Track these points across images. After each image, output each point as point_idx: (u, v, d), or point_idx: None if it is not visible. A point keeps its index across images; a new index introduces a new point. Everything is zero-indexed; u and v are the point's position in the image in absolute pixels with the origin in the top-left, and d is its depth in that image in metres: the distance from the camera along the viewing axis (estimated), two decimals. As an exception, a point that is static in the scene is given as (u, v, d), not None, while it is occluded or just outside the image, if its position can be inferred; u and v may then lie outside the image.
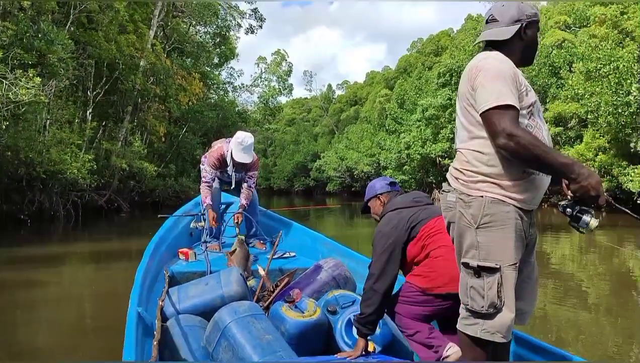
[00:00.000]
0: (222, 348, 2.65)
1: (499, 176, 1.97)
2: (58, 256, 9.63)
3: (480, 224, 1.97)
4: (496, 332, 1.95)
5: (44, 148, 14.92)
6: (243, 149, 4.66)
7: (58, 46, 12.47)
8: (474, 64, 2.03)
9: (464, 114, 2.06)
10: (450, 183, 2.13)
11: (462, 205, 2.03)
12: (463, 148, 2.07)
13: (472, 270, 1.99)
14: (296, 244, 4.90)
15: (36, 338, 4.62)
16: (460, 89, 2.10)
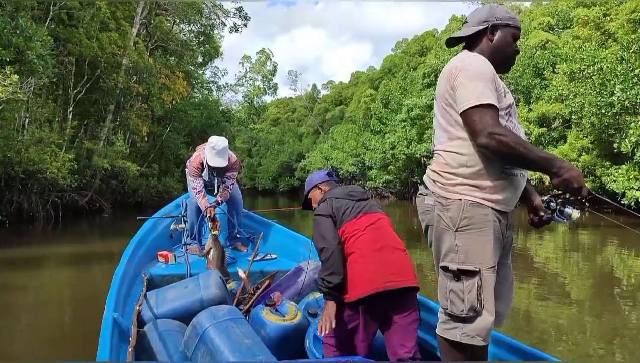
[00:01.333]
0: (201, 353, 2.62)
1: (478, 177, 1.96)
2: (37, 258, 9.40)
3: (459, 228, 1.97)
4: (476, 335, 1.95)
5: (23, 147, 14.61)
6: (217, 153, 4.60)
7: (37, 43, 12.19)
8: (453, 64, 2.02)
9: (442, 115, 2.06)
10: (428, 185, 2.12)
11: (440, 208, 2.02)
12: (441, 150, 2.06)
13: (451, 273, 1.98)
14: (277, 246, 4.87)
15: (13, 345, 4.48)
16: (438, 89, 2.09)
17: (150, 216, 5.26)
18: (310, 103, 76.63)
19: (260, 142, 77.02)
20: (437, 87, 2.10)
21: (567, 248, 11.49)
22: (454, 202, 1.98)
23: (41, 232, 14.38)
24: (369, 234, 2.69)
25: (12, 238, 12.93)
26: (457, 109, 1.97)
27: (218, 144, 4.61)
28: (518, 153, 1.85)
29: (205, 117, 30.49)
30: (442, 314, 2.05)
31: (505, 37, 2.10)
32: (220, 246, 4.15)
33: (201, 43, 33.73)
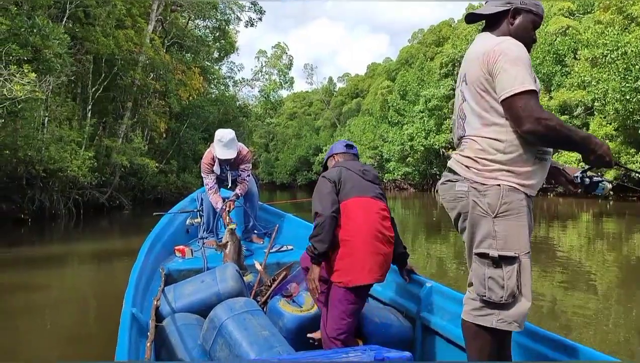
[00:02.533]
0: (219, 346, 2.63)
1: (514, 163, 1.95)
2: (60, 256, 9.48)
3: (498, 214, 1.93)
4: (513, 321, 1.94)
5: (43, 146, 14.76)
6: (224, 145, 4.60)
7: (54, 41, 12.26)
8: (488, 47, 1.96)
9: (476, 100, 2.00)
10: (459, 171, 2.06)
11: (475, 194, 1.97)
12: (475, 135, 2.02)
13: (489, 260, 1.95)
14: (293, 237, 4.84)
15: (38, 344, 4.48)
16: (470, 74, 2.02)
17: (166, 212, 5.27)
18: (327, 96, 76.50)
19: (277, 137, 77.17)
20: (468, 71, 2.04)
21: (592, 236, 11.26)
22: (491, 188, 1.94)
23: (63, 230, 14.54)
24: (374, 221, 2.70)
25: (35, 236, 13.09)
26: (495, 95, 1.94)
27: (224, 137, 4.61)
28: (563, 135, 1.88)
29: (222, 112, 30.55)
30: (473, 301, 2.02)
31: (526, 23, 2.06)
32: (236, 240, 4.11)
33: (217, 38, 33.76)
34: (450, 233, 13.24)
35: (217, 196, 4.79)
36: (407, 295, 3.22)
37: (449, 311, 2.86)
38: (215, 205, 4.76)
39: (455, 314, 2.78)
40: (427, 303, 3.04)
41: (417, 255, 9.44)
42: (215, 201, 4.75)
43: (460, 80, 2.11)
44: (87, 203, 18.13)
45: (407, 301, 3.19)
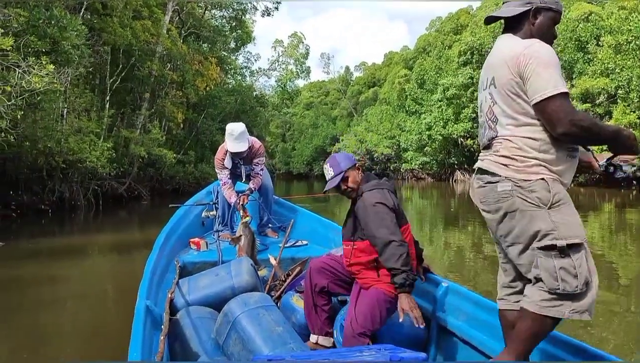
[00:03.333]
0: (232, 341, 2.65)
1: (548, 161, 1.98)
2: (79, 247, 9.57)
3: (552, 204, 1.95)
4: (585, 310, 1.94)
5: (63, 137, 14.89)
6: (235, 138, 4.63)
7: (72, 33, 12.31)
8: (517, 51, 1.98)
9: (507, 103, 2.02)
10: (498, 171, 2.04)
11: (521, 191, 1.98)
12: (510, 136, 2.03)
13: (557, 251, 1.94)
14: (308, 232, 4.84)
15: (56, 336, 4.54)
16: (500, 77, 2.03)
17: (182, 204, 5.28)
18: (343, 86, 76.12)
19: (294, 126, 77.12)
20: (497, 75, 2.05)
21: (613, 228, 11.06)
22: (536, 182, 1.96)
23: (83, 220, 14.70)
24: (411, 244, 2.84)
25: (55, 227, 13.25)
26: (526, 97, 1.96)
27: (235, 130, 4.62)
28: (595, 133, 1.92)
29: (239, 102, 30.57)
30: (540, 291, 1.97)
31: (547, 21, 2.08)
32: (250, 233, 4.10)
33: (233, 28, 33.71)
34: (469, 224, 13.11)
35: (231, 191, 4.81)
36: (422, 294, 3.19)
37: (465, 312, 2.84)
38: (229, 199, 4.77)
39: (471, 315, 2.79)
40: (442, 303, 3.01)
41: (435, 246, 9.36)
42: (229, 196, 4.77)
43: (488, 83, 2.12)
44: (106, 194, 18.30)
45: (423, 300, 3.16)
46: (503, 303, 2.25)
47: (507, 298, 2.24)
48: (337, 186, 2.94)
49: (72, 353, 4.11)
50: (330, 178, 2.96)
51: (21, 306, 5.45)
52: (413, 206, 19.64)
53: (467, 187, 30.85)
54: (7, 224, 12.55)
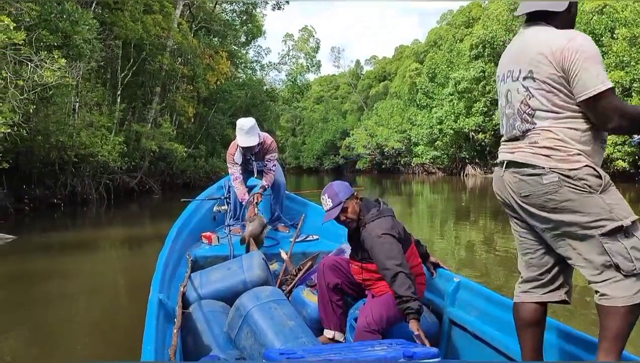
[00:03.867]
0: (244, 334, 2.66)
1: (588, 152, 1.97)
2: (91, 241, 9.63)
3: (603, 188, 1.94)
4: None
5: (74, 131, 14.96)
6: (245, 133, 4.63)
7: (83, 27, 12.36)
8: (561, 44, 1.92)
9: (547, 96, 1.98)
10: (540, 163, 1.99)
11: (569, 181, 1.95)
12: (548, 127, 1.99)
13: (622, 232, 1.91)
14: (319, 227, 4.75)
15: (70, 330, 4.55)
16: (539, 71, 1.98)
17: (194, 198, 5.29)
18: (354, 80, 75.87)
19: (304, 121, 77.11)
20: (535, 68, 2.00)
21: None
22: (581, 169, 1.93)
23: (95, 214, 14.80)
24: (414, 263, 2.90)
25: (68, 220, 13.36)
26: (568, 91, 1.94)
27: (245, 125, 4.63)
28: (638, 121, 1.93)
29: (249, 97, 30.59)
30: (620, 283, 1.92)
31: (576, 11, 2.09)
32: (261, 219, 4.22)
33: (244, 22, 33.69)
34: (480, 219, 13.03)
35: (242, 187, 4.84)
36: (434, 289, 3.18)
37: (477, 307, 2.83)
38: (240, 196, 4.80)
39: (483, 310, 2.77)
40: (454, 298, 3.00)
41: (446, 241, 9.31)
42: (241, 193, 4.80)
43: (520, 75, 2.06)
44: (118, 188, 18.40)
45: (434, 295, 3.16)
46: (527, 296, 2.18)
47: (533, 291, 2.17)
48: (336, 217, 2.93)
49: (84, 346, 4.12)
50: (329, 209, 2.94)
51: (33, 300, 5.47)
52: (424, 201, 19.56)
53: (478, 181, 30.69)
54: (20, 218, 12.66)
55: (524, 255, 2.21)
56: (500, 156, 2.18)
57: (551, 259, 2.12)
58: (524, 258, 2.20)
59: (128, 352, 3.65)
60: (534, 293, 2.17)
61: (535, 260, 2.16)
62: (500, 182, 2.16)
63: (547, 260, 2.13)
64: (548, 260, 2.12)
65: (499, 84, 2.22)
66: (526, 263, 2.20)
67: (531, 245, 2.17)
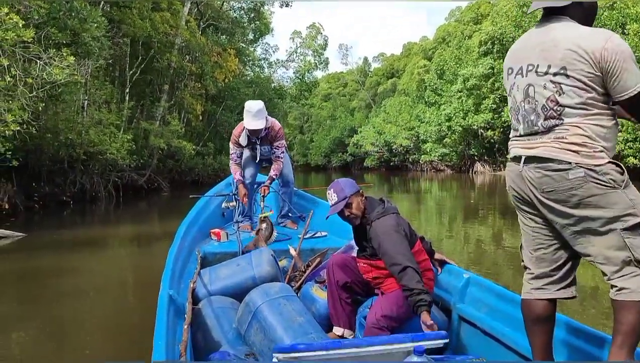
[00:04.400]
0: (254, 330, 2.69)
1: (609, 148, 2.01)
2: (101, 239, 9.66)
3: (625, 184, 1.98)
4: None
5: (83, 129, 15.02)
6: (253, 115, 4.56)
7: (92, 25, 12.38)
8: (599, 45, 1.94)
9: (579, 93, 1.99)
10: (567, 158, 2.00)
11: (595, 176, 1.96)
12: (578, 123, 2.01)
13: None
14: (328, 223, 4.72)
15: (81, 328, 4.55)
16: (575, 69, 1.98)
17: (202, 195, 5.29)
18: (362, 77, 75.74)
19: (312, 118, 77.10)
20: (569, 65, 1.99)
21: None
22: (605, 165, 1.97)
23: (104, 211, 14.87)
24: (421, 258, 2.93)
25: (77, 218, 13.42)
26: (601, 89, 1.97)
27: (253, 107, 4.57)
28: None
29: (257, 94, 30.58)
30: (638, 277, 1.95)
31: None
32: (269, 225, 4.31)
33: (251, 20, 33.69)
34: (489, 216, 12.96)
35: (238, 168, 4.85)
36: (443, 285, 3.19)
37: (486, 303, 2.84)
38: (234, 175, 4.81)
39: (492, 306, 2.78)
40: (463, 294, 3.01)
41: (455, 239, 9.26)
42: (234, 171, 4.81)
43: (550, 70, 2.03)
44: (126, 186, 18.46)
45: (444, 291, 3.16)
46: (540, 292, 2.17)
47: (547, 287, 2.16)
48: (340, 212, 2.97)
49: (94, 343, 4.12)
50: (334, 203, 2.98)
51: (43, 297, 5.48)
52: (432, 198, 19.48)
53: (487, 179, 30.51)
54: (30, 215, 12.73)
55: (536, 251, 2.19)
56: (514, 151, 2.16)
57: (564, 255, 2.12)
58: (536, 253, 2.19)
59: (138, 348, 3.64)
60: (547, 289, 2.16)
61: (548, 256, 2.15)
62: (518, 178, 2.14)
63: (560, 256, 2.13)
64: (561, 256, 2.13)
65: (512, 76, 2.18)
66: (537, 258, 2.19)
67: (545, 240, 2.16)
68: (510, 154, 2.20)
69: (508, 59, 2.24)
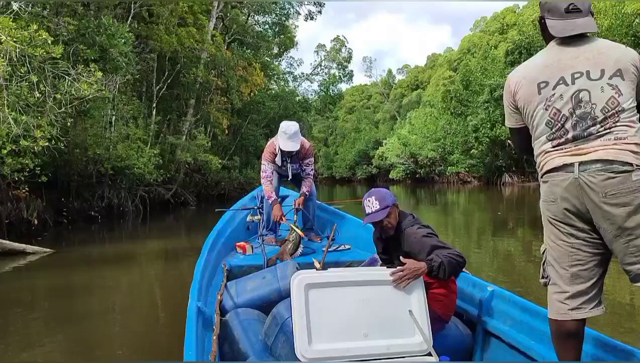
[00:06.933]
0: (281, 343, 2.68)
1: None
2: (129, 254, 9.68)
3: None
4: None
5: (111, 144, 15.22)
6: (288, 137, 4.65)
7: (119, 40, 12.58)
8: (637, 55, 2.09)
9: (632, 94, 2.08)
10: (629, 160, 1.99)
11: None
12: (636, 125, 2.05)
13: None
14: (351, 237, 4.90)
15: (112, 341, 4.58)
16: (627, 71, 2.07)
17: (228, 208, 5.35)
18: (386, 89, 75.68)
19: (336, 131, 77.21)
20: (624, 68, 2.06)
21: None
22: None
23: (131, 226, 14.97)
24: None
25: (105, 233, 13.52)
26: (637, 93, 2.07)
27: (289, 129, 4.64)
28: None
29: (282, 108, 30.76)
30: None
31: None
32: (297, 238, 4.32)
33: (276, 34, 33.95)
34: (518, 228, 12.64)
35: (271, 186, 4.85)
36: (467, 299, 3.21)
37: (512, 317, 2.85)
38: (268, 195, 4.81)
39: (517, 319, 2.79)
40: (488, 307, 3.03)
41: (484, 252, 9.05)
42: (269, 192, 4.81)
43: (605, 74, 2.08)
44: (153, 200, 18.63)
45: (468, 305, 3.18)
46: (577, 313, 2.12)
47: (583, 307, 2.12)
48: (378, 221, 2.99)
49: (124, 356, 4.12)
50: (374, 211, 2.99)
51: (72, 313, 5.49)
52: (460, 210, 19.17)
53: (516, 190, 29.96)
54: (59, 230, 12.89)
55: (572, 267, 2.14)
56: (561, 160, 2.10)
57: (599, 272, 2.11)
58: (572, 269, 2.14)
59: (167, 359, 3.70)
60: (584, 308, 2.13)
61: (586, 273, 2.11)
62: (572, 185, 2.06)
63: (596, 272, 2.11)
64: (597, 272, 2.11)
65: (549, 89, 2.16)
66: (573, 275, 2.14)
67: (584, 257, 2.11)
68: (552, 165, 2.13)
69: (535, 73, 2.20)
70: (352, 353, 2.43)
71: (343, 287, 2.52)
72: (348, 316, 2.48)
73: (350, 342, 2.45)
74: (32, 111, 9.46)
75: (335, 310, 2.49)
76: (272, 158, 4.85)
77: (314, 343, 2.40)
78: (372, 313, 2.52)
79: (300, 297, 2.47)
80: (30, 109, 9.44)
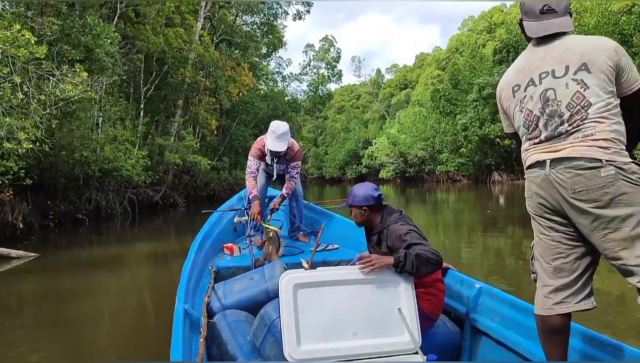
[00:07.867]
0: (269, 344, 2.68)
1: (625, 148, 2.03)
2: (117, 257, 9.56)
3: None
4: None
5: (98, 146, 15.05)
6: (277, 137, 4.60)
7: (105, 40, 12.42)
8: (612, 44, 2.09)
9: (601, 87, 2.05)
10: (598, 156, 1.99)
11: (625, 174, 1.96)
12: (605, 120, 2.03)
13: None
14: (339, 236, 4.90)
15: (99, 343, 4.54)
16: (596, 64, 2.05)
17: (214, 210, 5.30)
18: (375, 88, 75.78)
19: (326, 131, 77.21)
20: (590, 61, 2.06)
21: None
22: (631, 163, 1.98)
23: (119, 229, 14.80)
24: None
25: (93, 236, 13.35)
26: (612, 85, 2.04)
27: (278, 129, 4.59)
28: None
29: (271, 108, 30.65)
30: None
31: None
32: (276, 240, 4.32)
33: (264, 34, 33.83)
34: (508, 226, 12.66)
35: (254, 183, 4.80)
36: (455, 296, 3.22)
37: (499, 313, 2.86)
38: (249, 191, 4.77)
39: (505, 316, 2.81)
40: (476, 304, 3.04)
41: (474, 250, 9.04)
42: (251, 188, 4.75)
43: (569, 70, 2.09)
44: (142, 202, 18.47)
45: (456, 302, 3.18)
46: (561, 307, 2.13)
47: (566, 300, 2.13)
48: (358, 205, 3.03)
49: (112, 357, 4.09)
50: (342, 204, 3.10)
51: (59, 318, 5.40)
52: (449, 210, 19.19)
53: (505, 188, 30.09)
54: (46, 233, 12.71)
55: (554, 260, 2.16)
56: (535, 158, 2.15)
57: (583, 264, 2.11)
58: (554, 263, 2.16)
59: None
60: (568, 302, 2.13)
61: (568, 265, 2.13)
62: (545, 182, 2.11)
63: (578, 265, 2.11)
64: (580, 265, 2.11)
65: (521, 91, 2.22)
66: (555, 269, 2.16)
67: (564, 249, 2.14)
68: (529, 162, 2.19)
69: (511, 78, 2.27)
70: (341, 353, 2.43)
71: (332, 286, 2.52)
72: (337, 316, 2.48)
73: (339, 341, 2.45)
74: (15, 112, 9.31)
75: (324, 309, 2.48)
76: (258, 154, 4.79)
77: (303, 344, 2.41)
78: (361, 312, 2.52)
79: (289, 297, 2.46)
80: (13, 110, 9.29)
